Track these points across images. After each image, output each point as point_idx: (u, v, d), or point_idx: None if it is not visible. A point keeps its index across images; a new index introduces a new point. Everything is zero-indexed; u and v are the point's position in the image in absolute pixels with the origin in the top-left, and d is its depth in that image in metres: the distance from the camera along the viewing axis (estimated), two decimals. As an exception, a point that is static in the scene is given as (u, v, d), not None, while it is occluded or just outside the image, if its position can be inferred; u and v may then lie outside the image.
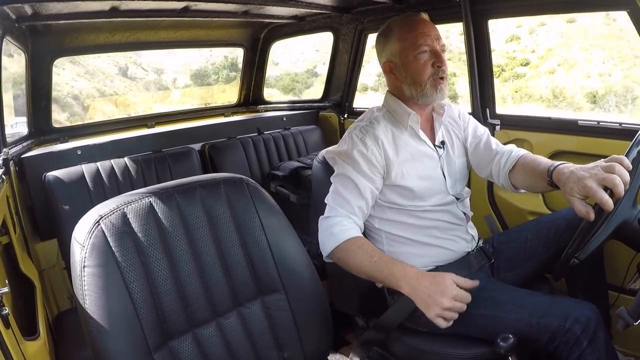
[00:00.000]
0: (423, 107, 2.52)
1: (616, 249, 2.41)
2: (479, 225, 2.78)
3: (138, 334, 1.59)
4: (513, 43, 32.91)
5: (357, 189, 2.38)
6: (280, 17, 4.50)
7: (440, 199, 2.51)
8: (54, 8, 3.09)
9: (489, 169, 2.61)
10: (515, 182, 2.52)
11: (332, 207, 2.40)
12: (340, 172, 2.44)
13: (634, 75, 29.53)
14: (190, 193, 1.84)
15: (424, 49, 2.37)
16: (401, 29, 2.42)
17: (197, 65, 40.58)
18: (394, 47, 2.43)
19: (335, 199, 2.41)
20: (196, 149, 4.04)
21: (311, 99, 5.31)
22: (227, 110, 5.38)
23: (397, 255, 2.45)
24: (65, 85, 31.49)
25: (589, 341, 1.95)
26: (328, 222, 2.36)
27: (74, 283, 1.60)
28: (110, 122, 4.65)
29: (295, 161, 4.06)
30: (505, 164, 2.53)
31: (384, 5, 3.80)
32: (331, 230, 2.31)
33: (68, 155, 3.49)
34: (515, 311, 2.11)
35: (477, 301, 2.20)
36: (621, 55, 30.88)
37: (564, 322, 1.98)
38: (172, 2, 3.37)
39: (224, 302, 1.83)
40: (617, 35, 32.01)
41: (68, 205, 3.18)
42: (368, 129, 2.44)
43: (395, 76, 2.48)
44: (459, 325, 2.21)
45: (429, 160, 2.50)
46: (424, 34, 2.37)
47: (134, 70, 40.41)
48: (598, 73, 29.20)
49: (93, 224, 1.62)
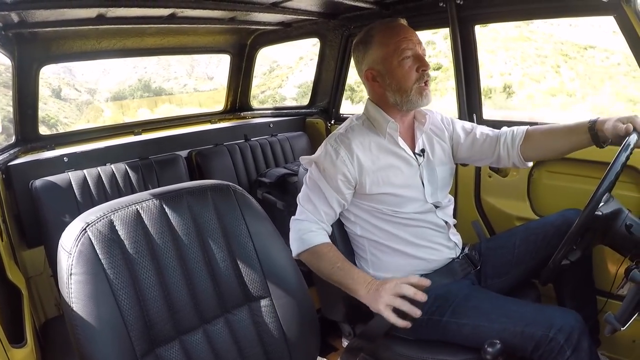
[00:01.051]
0: (405, 114, 2.52)
1: (604, 255, 2.43)
2: (466, 231, 2.79)
3: (125, 341, 1.59)
4: (429, 48, 33.44)
5: (324, 198, 2.43)
6: (267, 23, 4.50)
7: (418, 207, 2.51)
8: (41, 15, 3.08)
9: (496, 153, 2.63)
10: (529, 153, 2.58)
11: (302, 209, 2.47)
12: (311, 177, 2.49)
13: (531, 73, 31.13)
14: (177, 200, 1.84)
15: (408, 54, 2.36)
16: (383, 35, 2.41)
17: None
18: (376, 54, 2.42)
19: (305, 203, 2.48)
20: (183, 156, 4.03)
21: (298, 105, 5.31)
22: (213, 117, 5.38)
23: (380, 264, 2.51)
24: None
25: (573, 350, 1.96)
26: (298, 225, 2.44)
27: (61, 290, 1.60)
28: (97, 129, 4.64)
29: (282, 168, 4.06)
30: (514, 140, 2.58)
31: (370, 11, 3.82)
32: (300, 234, 2.40)
33: (55, 163, 3.48)
34: (500, 320, 2.11)
35: (461, 311, 2.23)
36: (524, 56, 32.24)
37: (548, 331, 1.99)
38: (158, 9, 3.37)
39: (211, 309, 1.83)
40: (526, 36, 33.29)
41: (55, 213, 3.17)
42: (343, 139, 2.45)
43: (378, 84, 2.46)
44: (445, 335, 2.24)
45: (407, 168, 2.50)
46: (406, 39, 2.37)
47: (67, 91, 40.94)
48: (499, 72, 30.16)
49: (80, 232, 1.61)
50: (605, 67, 33.85)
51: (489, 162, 2.72)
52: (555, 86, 32.72)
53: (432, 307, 2.31)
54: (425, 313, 2.28)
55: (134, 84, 40.90)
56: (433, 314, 2.30)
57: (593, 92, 32.77)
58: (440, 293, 2.34)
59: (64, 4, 2.81)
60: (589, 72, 33.76)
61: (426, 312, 2.29)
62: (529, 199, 3.33)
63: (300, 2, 3.68)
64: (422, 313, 2.23)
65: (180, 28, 4.26)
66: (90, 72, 48.79)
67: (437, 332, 2.29)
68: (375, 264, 2.53)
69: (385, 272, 2.50)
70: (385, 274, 2.49)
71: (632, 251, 2.12)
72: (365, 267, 2.57)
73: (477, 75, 3.58)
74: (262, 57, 33.65)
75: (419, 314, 2.02)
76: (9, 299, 2.52)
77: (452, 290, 2.34)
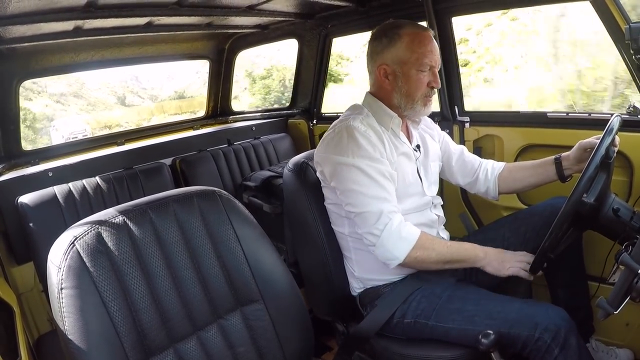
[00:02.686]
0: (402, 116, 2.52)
1: (594, 240, 2.45)
2: (453, 224, 2.80)
3: (119, 352, 1.59)
4: (461, 46, 33.37)
5: (382, 176, 2.33)
6: (244, 27, 4.49)
7: (416, 200, 2.52)
8: (17, 31, 3.06)
9: (476, 174, 2.75)
10: (504, 184, 2.73)
11: (374, 210, 2.28)
12: (350, 177, 2.32)
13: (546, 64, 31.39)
14: (163, 208, 1.84)
15: (427, 68, 2.38)
16: (411, 40, 2.38)
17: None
18: (397, 54, 2.39)
19: (369, 204, 2.29)
20: (167, 164, 4.02)
21: (279, 107, 5.30)
22: (195, 123, 5.37)
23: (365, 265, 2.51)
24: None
25: (561, 348, 1.98)
26: (388, 227, 2.26)
27: (52, 305, 1.60)
28: (79, 141, 4.60)
29: (267, 170, 4.04)
30: (494, 169, 2.70)
31: (346, 8, 3.82)
32: (398, 234, 2.27)
33: (39, 178, 3.46)
34: (484, 323, 2.11)
35: (445, 314, 2.24)
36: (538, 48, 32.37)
37: (533, 331, 2.01)
38: (135, 19, 3.37)
39: (203, 316, 1.83)
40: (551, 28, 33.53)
41: (42, 228, 3.15)
42: (364, 123, 2.40)
43: (388, 82, 2.45)
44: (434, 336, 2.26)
45: (408, 162, 2.51)
46: (431, 53, 2.38)
47: (131, 98, 41.68)
48: (514, 66, 30.18)
49: (68, 245, 1.62)
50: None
51: (465, 181, 2.83)
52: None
53: (417, 310, 2.32)
54: (411, 316, 2.32)
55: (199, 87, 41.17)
56: (418, 317, 2.31)
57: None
58: (423, 295, 2.35)
59: (40, 18, 2.80)
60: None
61: (411, 315, 2.32)
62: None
63: (276, 3, 3.68)
64: (408, 316, 2.26)
65: (157, 36, 4.25)
66: (156, 79, 50.09)
67: (425, 334, 2.30)
68: (360, 263, 2.53)
69: (369, 274, 2.51)
70: (370, 275, 2.50)
71: (620, 235, 2.13)
72: (351, 267, 2.57)
73: (457, 68, 3.58)
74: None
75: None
76: (1, 316, 2.52)
77: (436, 291, 2.34)
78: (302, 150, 3.29)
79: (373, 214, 2.27)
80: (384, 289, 2.46)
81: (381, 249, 2.28)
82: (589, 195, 2.06)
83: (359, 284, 2.55)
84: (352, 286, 2.59)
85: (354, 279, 2.57)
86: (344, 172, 2.32)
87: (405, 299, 2.36)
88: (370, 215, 2.28)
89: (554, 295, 2.69)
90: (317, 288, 2.69)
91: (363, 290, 2.54)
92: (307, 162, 2.67)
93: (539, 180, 2.61)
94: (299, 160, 2.70)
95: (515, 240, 2.61)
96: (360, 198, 2.29)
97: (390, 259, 2.29)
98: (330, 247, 2.59)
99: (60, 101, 14.03)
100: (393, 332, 2.37)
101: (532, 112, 3.29)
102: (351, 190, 2.31)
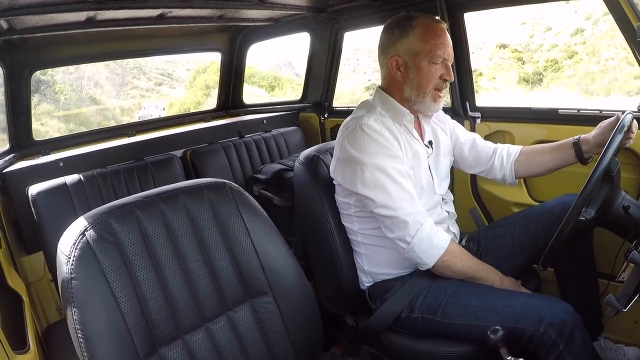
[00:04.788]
0: (414, 110, 2.50)
1: (604, 238, 2.43)
2: (463, 220, 2.79)
3: (127, 342, 1.59)
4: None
5: (402, 176, 2.32)
6: (256, 20, 4.48)
7: (428, 199, 2.51)
8: (30, 21, 3.07)
9: (491, 162, 2.71)
10: (520, 169, 2.66)
11: (400, 217, 2.27)
12: (372, 179, 2.29)
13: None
14: (173, 200, 1.84)
15: (440, 60, 2.36)
16: (424, 31, 2.36)
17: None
18: (410, 45, 2.37)
19: (395, 205, 2.27)
20: (178, 156, 4.01)
21: (291, 100, 5.30)
22: (207, 115, 5.36)
23: (374, 260, 2.51)
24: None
25: (566, 343, 1.97)
26: (419, 233, 2.26)
27: (61, 295, 1.60)
28: (90, 132, 4.60)
29: (277, 163, 4.03)
30: (509, 155, 2.66)
31: (359, 2, 3.81)
32: (429, 240, 2.27)
33: (50, 168, 3.47)
34: (489, 319, 2.11)
35: (451, 310, 2.24)
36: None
37: (538, 326, 2.00)
38: (147, 10, 3.36)
39: (212, 307, 1.83)
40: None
41: (52, 218, 3.15)
42: (378, 122, 2.38)
43: (400, 74, 2.42)
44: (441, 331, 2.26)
45: (421, 161, 2.49)
46: (444, 44, 2.36)
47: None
48: (605, 58, 29.94)
49: (78, 236, 1.62)
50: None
51: (481, 170, 2.77)
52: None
53: (423, 305, 2.32)
54: (418, 311, 2.32)
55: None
56: (425, 313, 2.31)
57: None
58: (430, 289, 2.35)
59: (52, 9, 2.80)
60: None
61: (418, 310, 2.32)
62: (525, 184, 3.34)
63: (288, -3, 3.67)
64: (415, 311, 2.26)
65: (169, 28, 4.24)
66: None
67: (433, 329, 2.30)
68: (369, 258, 2.53)
69: (379, 268, 2.51)
70: (380, 270, 2.50)
71: (630, 232, 2.12)
72: (360, 262, 2.57)
73: (469, 63, 3.58)
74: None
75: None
76: (10, 305, 2.52)
77: (442, 286, 2.33)
78: (313, 143, 3.28)
79: (402, 220, 2.26)
80: (393, 282, 2.46)
81: (412, 255, 2.29)
82: (590, 208, 2.06)
83: (368, 278, 2.55)
84: (362, 280, 2.59)
85: (363, 273, 2.56)
86: (365, 174, 2.29)
87: (413, 295, 2.36)
88: (399, 222, 2.27)
89: (564, 292, 2.68)
90: (327, 282, 2.69)
91: (372, 284, 2.54)
92: (318, 155, 2.67)
93: (558, 165, 2.58)
94: (310, 153, 2.70)
95: (525, 237, 2.61)
96: (386, 201, 2.27)
97: (421, 264, 2.32)
98: (340, 240, 2.58)
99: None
100: (402, 327, 2.37)
101: (544, 108, 3.28)
102: (375, 193, 2.29)
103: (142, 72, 41.27)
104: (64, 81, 36.60)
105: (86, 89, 37.96)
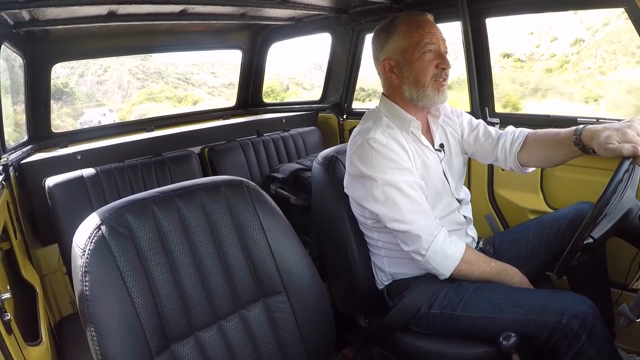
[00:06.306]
0: (420, 110, 2.48)
1: (618, 247, 2.41)
2: (480, 225, 2.78)
3: (140, 338, 1.59)
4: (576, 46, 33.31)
5: (411, 189, 2.30)
6: (278, 19, 4.47)
7: (446, 205, 2.51)
8: (52, 13, 3.08)
9: (494, 155, 2.63)
10: (526, 160, 2.55)
11: (413, 232, 2.27)
12: (383, 193, 2.29)
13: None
14: (190, 196, 1.84)
15: (429, 49, 2.33)
16: (407, 27, 2.36)
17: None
18: (397, 44, 2.37)
19: (408, 219, 2.28)
20: (196, 152, 4.01)
21: (310, 100, 5.31)
22: (225, 113, 5.36)
23: (395, 262, 2.49)
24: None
25: (588, 335, 1.96)
26: (433, 245, 2.27)
27: (75, 288, 1.60)
28: (109, 126, 4.62)
29: (295, 163, 4.03)
30: (512, 145, 2.55)
31: (381, 5, 3.79)
32: (444, 252, 2.28)
33: (68, 160, 3.48)
34: (511, 311, 2.12)
35: (472, 303, 2.23)
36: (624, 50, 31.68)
37: (560, 317, 2.00)
38: (169, 6, 3.36)
39: (225, 305, 1.83)
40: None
41: (68, 210, 3.15)
42: (387, 135, 2.36)
43: (395, 75, 2.42)
44: (458, 328, 2.24)
45: (434, 166, 2.48)
46: (430, 34, 2.34)
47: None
48: (583, 67, 30.02)
49: (94, 229, 1.62)
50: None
51: (490, 161, 2.71)
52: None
53: (444, 301, 2.31)
54: (438, 307, 2.31)
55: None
56: (445, 308, 2.30)
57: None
58: (451, 286, 2.34)
59: (75, 1, 2.81)
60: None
61: (438, 306, 2.31)
62: (542, 192, 3.31)
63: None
64: (435, 307, 2.25)
65: (191, 25, 4.25)
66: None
67: (450, 326, 2.29)
68: (390, 259, 2.51)
69: (399, 269, 2.50)
70: (400, 270, 2.49)
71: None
72: (380, 264, 2.55)
73: (489, 68, 3.55)
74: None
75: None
76: (23, 297, 2.53)
77: (463, 283, 2.33)
78: (331, 144, 3.27)
79: (415, 234, 2.27)
80: (412, 280, 2.46)
81: (428, 266, 2.31)
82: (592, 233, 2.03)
83: (387, 277, 2.55)
84: (380, 279, 2.58)
85: (382, 272, 2.56)
86: (375, 191, 2.30)
87: (434, 291, 2.35)
88: (412, 236, 2.28)
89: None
90: (341, 283, 2.69)
91: (391, 282, 2.54)
92: (336, 156, 2.66)
93: (565, 159, 2.48)
94: (328, 154, 2.69)
95: (538, 243, 2.61)
96: (397, 215, 2.28)
97: (438, 275, 2.33)
98: (356, 242, 2.57)
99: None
100: (418, 325, 2.36)
101: (562, 116, 3.23)
102: (386, 209, 2.30)
103: (160, 76, 41.46)
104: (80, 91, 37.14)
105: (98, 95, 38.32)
